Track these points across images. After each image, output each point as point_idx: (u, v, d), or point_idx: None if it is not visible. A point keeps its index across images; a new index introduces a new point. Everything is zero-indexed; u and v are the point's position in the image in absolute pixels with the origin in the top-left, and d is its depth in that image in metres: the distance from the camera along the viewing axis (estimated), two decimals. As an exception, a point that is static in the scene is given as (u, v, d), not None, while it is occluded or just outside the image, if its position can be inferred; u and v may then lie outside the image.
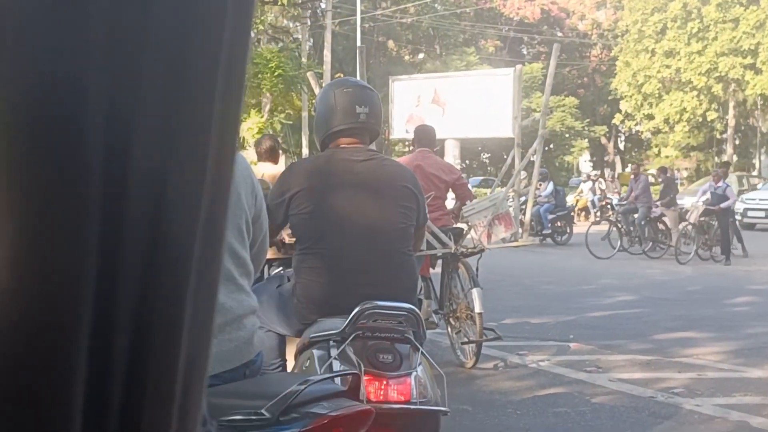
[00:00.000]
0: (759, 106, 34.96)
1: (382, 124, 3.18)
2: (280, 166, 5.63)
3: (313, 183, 2.88)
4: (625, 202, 15.55)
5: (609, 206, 19.36)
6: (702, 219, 13.62)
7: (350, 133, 2.94)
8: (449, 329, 5.99)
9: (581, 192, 22.27)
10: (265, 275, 3.77)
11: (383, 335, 2.61)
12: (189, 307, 0.42)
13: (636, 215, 14.78)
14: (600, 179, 24.07)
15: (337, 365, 2.56)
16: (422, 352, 2.59)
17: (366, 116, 2.93)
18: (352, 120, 2.92)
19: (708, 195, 13.82)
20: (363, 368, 2.48)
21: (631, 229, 14.86)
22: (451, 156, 23.06)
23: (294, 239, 3.06)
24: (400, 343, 2.61)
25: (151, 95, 0.40)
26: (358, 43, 29.06)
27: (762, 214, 19.97)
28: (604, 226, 15.58)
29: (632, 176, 15.79)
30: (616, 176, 31.52)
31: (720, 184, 13.88)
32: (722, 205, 13.57)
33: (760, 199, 20.32)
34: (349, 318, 2.57)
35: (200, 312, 0.43)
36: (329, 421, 1.81)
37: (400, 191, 2.96)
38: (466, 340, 5.72)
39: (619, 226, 14.98)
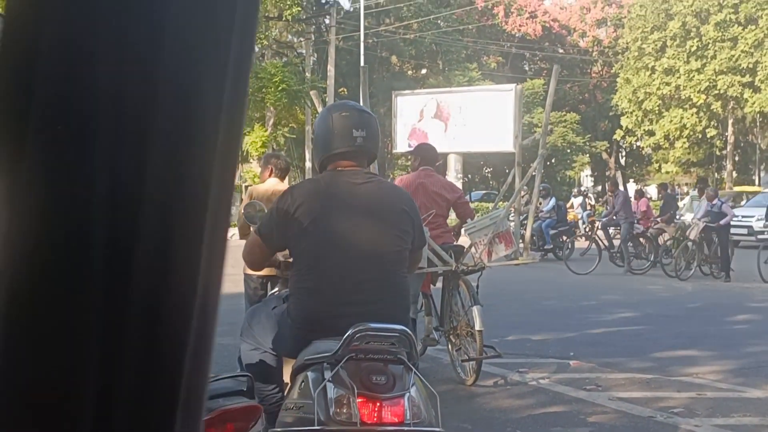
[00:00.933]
0: (758, 124, 35.08)
1: (380, 147, 3.23)
2: (285, 184, 5.68)
3: (313, 204, 2.91)
4: (605, 218, 15.71)
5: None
6: (701, 235, 13.70)
7: (348, 156, 2.99)
8: (450, 346, 6.02)
9: (571, 206, 22.33)
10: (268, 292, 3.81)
11: (376, 357, 2.62)
12: (196, 311, 0.44)
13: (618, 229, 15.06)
14: (590, 195, 24.13)
15: (330, 388, 2.58)
16: (415, 373, 2.62)
17: (363, 140, 2.97)
18: (350, 143, 2.96)
19: (702, 212, 13.94)
20: (356, 390, 2.50)
21: (611, 244, 15.09)
22: (454, 170, 23.19)
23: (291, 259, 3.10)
24: (394, 364, 2.62)
25: (164, 103, 0.42)
26: (362, 58, 29.24)
27: (745, 231, 19.70)
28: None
29: (609, 192, 16.07)
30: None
31: (715, 202, 13.99)
32: (722, 222, 13.64)
33: (743, 216, 20.07)
34: (342, 340, 2.60)
35: (206, 321, 0.45)
36: (218, 415, 1.86)
37: (398, 214, 3.00)
38: (466, 357, 5.75)
39: (599, 242, 15.16)
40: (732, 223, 19.81)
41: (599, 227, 15.66)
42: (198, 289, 0.45)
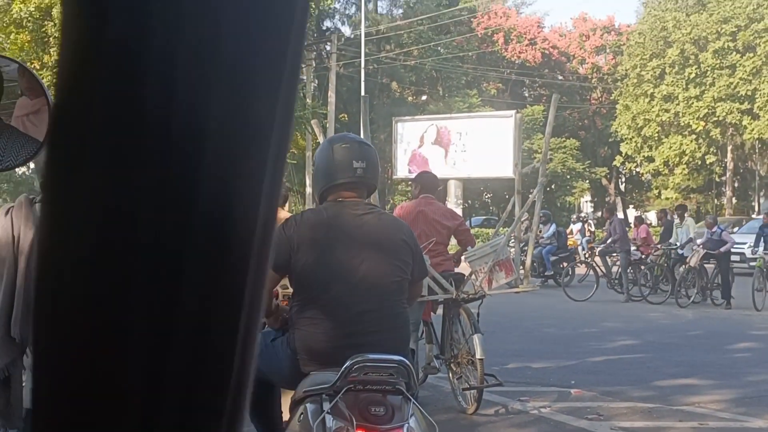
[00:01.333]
0: (757, 150, 35.23)
1: (380, 172, 3.26)
2: (285, 211, 5.70)
3: (316, 235, 2.94)
4: (602, 245, 15.76)
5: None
6: (701, 263, 13.72)
7: (348, 187, 3.02)
8: (450, 374, 6.02)
9: (571, 232, 22.36)
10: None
11: (375, 388, 2.63)
12: (244, 316, 0.45)
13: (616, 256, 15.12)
14: (590, 221, 24.15)
15: (329, 419, 2.59)
16: (414, 403, 2.63)
17: (363, 171, 3.01)
18: (350, 174, 3.00)
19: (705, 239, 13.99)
20: (355, 422, 2.51)
21: (609, 271, 15.16)
22: (454, 196, 23.23)
23: (288, 290, 3.11)
24: (392, 395, 2.63)
25: (221, 115, 0.43)
26: (363, 85, 29.42)
27: (737, 258, 19.10)
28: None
29: (606, 218, 16.20)
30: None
31: (714, 229, 14.02)
32: (722, 249, 13.66)
33: (735, 243, 20.08)
34: (341, 372, 2.61)
35: (251, 328, 0.46)
36: None
37: (398, 245, 3.03)
38: (467, 385, 5.74)
39: (597, 268, 15.23)
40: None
41: (597, 254, 15.72)
42: (245, 305, 0.45)
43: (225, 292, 0.45)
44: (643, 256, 15.38)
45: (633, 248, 15.53)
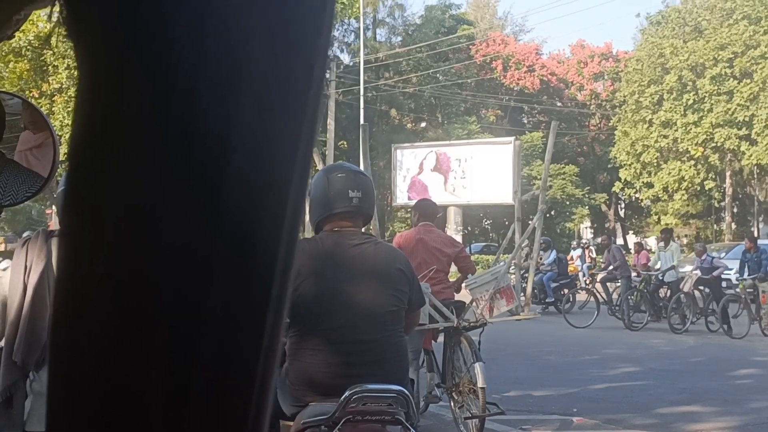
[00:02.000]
0: (755, 176, 35.32)
1: (380, 199, 3.27)
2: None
3: (313, 265, 2.94)
4: (603, 273, 15.76)
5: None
6: (695, 289, 13.69)
7: (344, 216, 3.04)
8: (452, 403, 5.98)
9: (571, 259, 22.33)
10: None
11: (374, 418, 2.64)
12: (268, 327, 0.46)
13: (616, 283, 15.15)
14: (591, 247, 24.12)
15: None
16: None
17: (359, 200, 3.03)
18: (346, 204, 3.02)
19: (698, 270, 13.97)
20: None
21: (610, 298, 15.13)
22: (454, 223, 23.25)
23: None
24: (392, 425, 2.63)
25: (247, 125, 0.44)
26: (362, 112, 29.57)
27: (724, 284, 19.05)
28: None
29: (604, 247, 16.28)
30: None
31: (704, 257, 14.03)
32: (714, 273, 13.65)
33: (726, 268, 19.89)
34: (339, 402, 2.61)
35: (274, 337, 0.47)
36: None
37: (394, 275, 3.03)
38: (469, 414, 5.71)
39: (597, 295, 15.18)
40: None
41: (598, 281, 15.72)
42: (268, 319, 0.46)
43: (250, 306, 0.45)
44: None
45: (633, 274, 15.53)
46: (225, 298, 0.44)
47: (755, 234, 36.63)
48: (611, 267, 15.37)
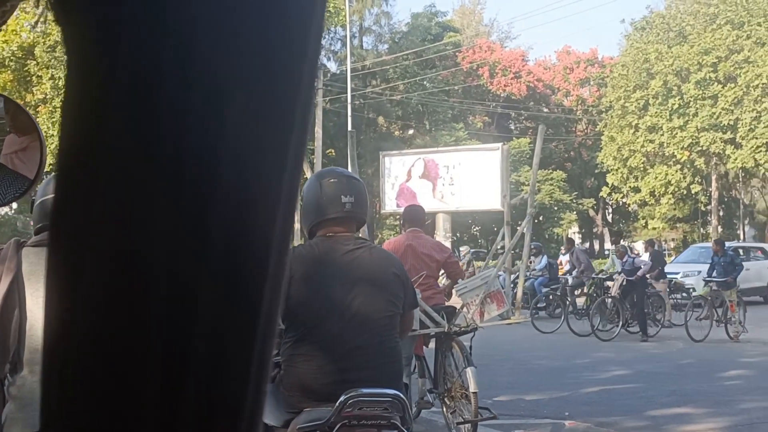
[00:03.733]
0: (740, 179, 35.57)
1: (368, 207, 3.26)
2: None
3: (308, 271, 2.93)
4: (571, 278, 15.63)
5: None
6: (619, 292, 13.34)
7: (337, 222, 3.02)
8: (444, 409, 5.97)
9: (560, 264, 22.31)
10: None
11: (369, 423, 2.63)
12: (258, 341, 0.46)
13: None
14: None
15: None
16: None
17: (352, 205, 3.01)
18: (339, 209, 3.00)
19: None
20: None
21: (575, 303, 14.94)
22: (442, 229, 23.25)
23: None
24: (387, 429, 2.63)
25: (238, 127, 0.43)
26: (349, 120, 29.58)
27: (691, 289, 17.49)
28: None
29: (565, 251, 15.86)
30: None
31: (625, 259, 13.81)
32: (639, 274, 13.40)
33: (668, 273, 19.58)
34: (335, 407, 2.59)
35: (265, 346, 0.47)
36: None
37: (389, 280, 3.03)
38: (461, 419, 5.70)
39: (565, 300, 15.01)
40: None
41: (567, 287, 15.53)
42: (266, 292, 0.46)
43: (241, 315, 0.45)
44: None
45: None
46: (216, 307, 0.44)
47: (741, 236, 36.89)
48: (577, 271, 15.31)
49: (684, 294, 15.78)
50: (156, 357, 0.43)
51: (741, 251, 20.51)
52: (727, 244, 15.01)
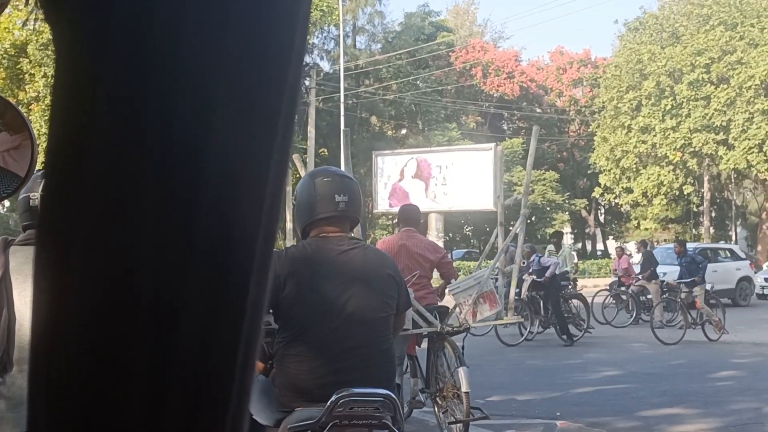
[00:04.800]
0: (732, 180, 35.72)
1: (362, 211, 3.25)
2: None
3: (302, 271, 2.92)
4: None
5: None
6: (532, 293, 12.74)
7: (331, 221, 3.00)
8: (436, 408, 5.97)
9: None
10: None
11: (361, 422, 2.62)
12: (242, 347, 0.46)
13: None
14: (572, 252, 24.15)
15: None
16: None
17: (345, 204, 2.99)
18: (332, 208, 2.98)
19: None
20: None
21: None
22: (435, 229, 23.26)
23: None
24: (378, 429, 2.63)
25: (223, 126, 0.43)
26: (342, 120, 29.56)
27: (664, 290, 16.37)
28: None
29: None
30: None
31: (532, 259, 13.02)
32: (547, 274, 12.71)
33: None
34: (326, 407, 2.59)
35: (251, 343, 0.47)
36: None
37: (384, 280, 3.01)
38: (453, 419, 5.70)
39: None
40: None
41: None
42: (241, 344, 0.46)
43: (227, 312, 0.45)
44: (626, 287, 15.46)
45: (614, 278, 15.56)
46: (202, 303, 0.44)
47: (733, 238, 37.04)
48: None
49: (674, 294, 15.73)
50: (142, 355, 0.43)
51: (709, 252, 20.27)
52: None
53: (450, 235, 37.94)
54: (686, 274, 13.03)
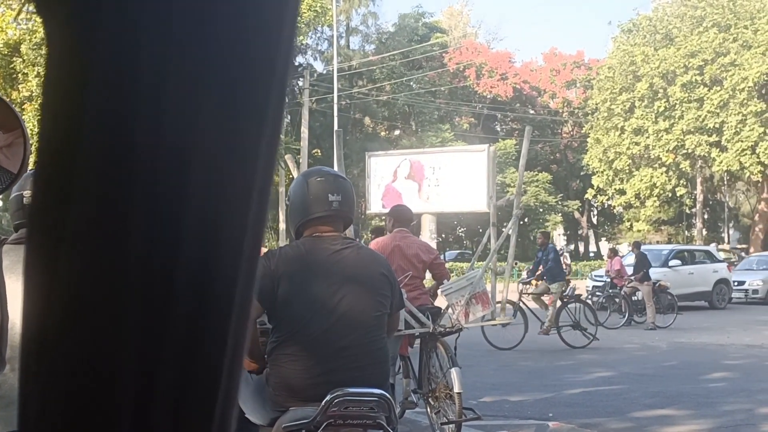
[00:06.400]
0: (725, 182, 35.85)
1: (355, 211, 3.24)
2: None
3: (295, 271, 2.91)
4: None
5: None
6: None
7: (324, 220, 3.00)
8: (428, 409, 5.97)
9: None
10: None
11: (355, 422, 2.62)
12: (231, 336, 0.46)
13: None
14: (565, 254, 24.13)
15: None
16: None
17: (339, 204, 2.99)
18: (326, 208, 2.98)
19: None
20: None
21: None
22: (428, 230, 23.27)
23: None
24: (373, 429, 2.63)
25: (209, 128, 0.44)
26: (335, 120, 29.56)
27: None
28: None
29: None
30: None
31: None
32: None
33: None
34: (321, 406, 2.59)
35: (238, 344, 0.47)
36: None
37: (377, 280, 3.01)
38: (445, 420, 5.70)
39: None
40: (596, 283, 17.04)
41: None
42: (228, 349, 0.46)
43: (216, 307, 0.45)
44: (618, 288, 15.49)
45: (607, 279, 15.57)
46: (190, 301, 0.44)
47: (726, 239, 37.16)
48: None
49: (669, 295, 15.74)
50: (131, 353, 0.43)
51: (686, 254, 20.27)
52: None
53: (443, 236, 37.97)
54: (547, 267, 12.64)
